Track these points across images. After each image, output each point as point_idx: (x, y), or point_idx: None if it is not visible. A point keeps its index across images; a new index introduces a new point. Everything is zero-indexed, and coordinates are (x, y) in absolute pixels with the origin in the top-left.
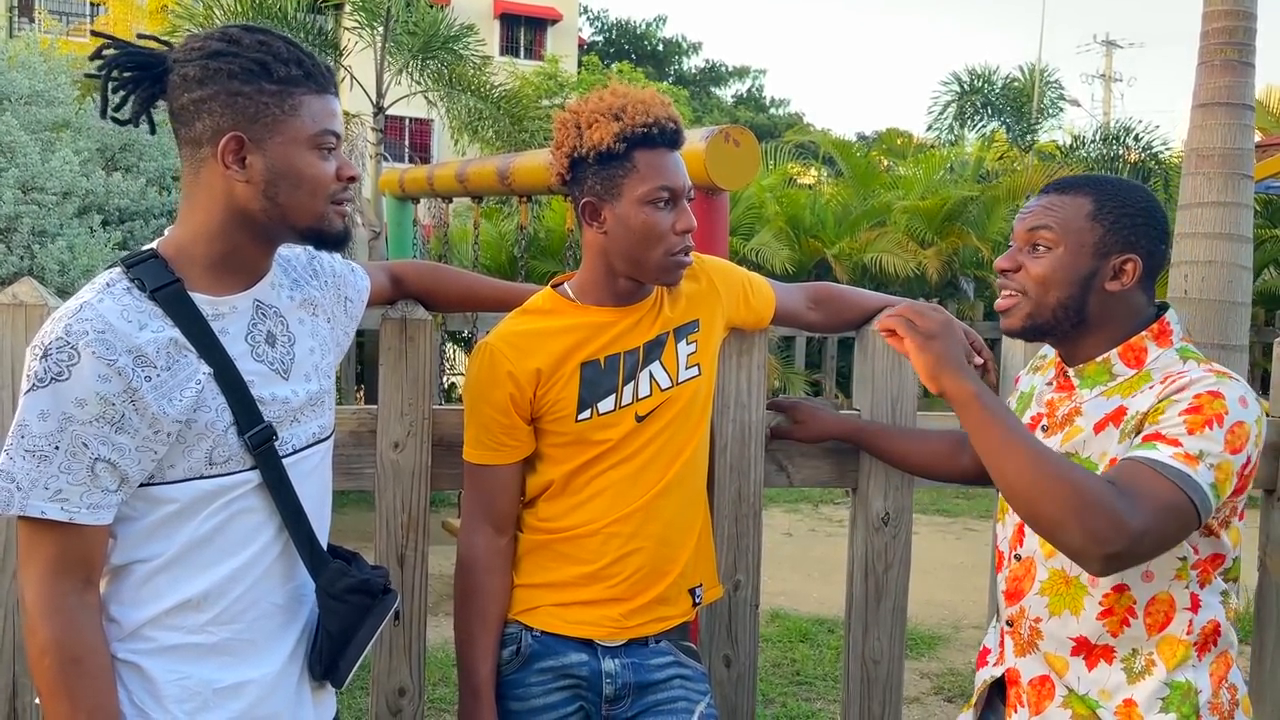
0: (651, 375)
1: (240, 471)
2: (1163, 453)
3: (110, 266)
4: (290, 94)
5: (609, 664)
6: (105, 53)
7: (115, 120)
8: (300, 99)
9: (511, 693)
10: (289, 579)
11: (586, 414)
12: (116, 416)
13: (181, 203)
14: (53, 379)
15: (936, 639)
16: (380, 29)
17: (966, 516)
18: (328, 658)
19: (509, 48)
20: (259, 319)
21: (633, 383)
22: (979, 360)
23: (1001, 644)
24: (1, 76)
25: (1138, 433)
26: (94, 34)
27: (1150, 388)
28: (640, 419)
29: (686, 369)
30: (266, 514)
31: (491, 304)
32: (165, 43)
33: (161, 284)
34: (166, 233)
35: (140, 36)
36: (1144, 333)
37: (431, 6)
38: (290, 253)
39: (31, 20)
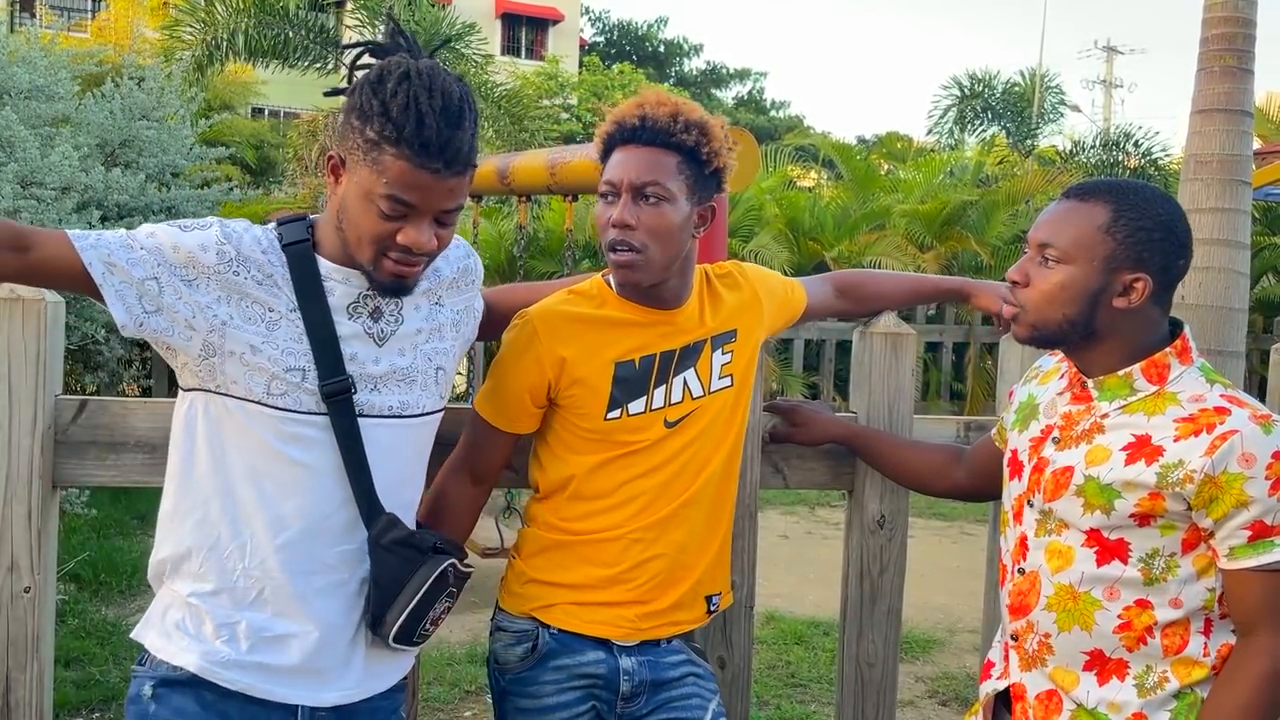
0: (685, 382)
1: (298, 412)
2: None
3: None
4: (379, 149)
5: (626, 661)
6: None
7: (329, 93)
8: (384, 158)
9: (524, 690)
10: (346, 539)
11: (616, 413)
12: (191, 277)
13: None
14: (180, 226)
15: (932, 642)
16: (381, 28)
17: (963, 520)
18: (376, 608)
19: (510, 48)
20: (371, 295)
21: (665, 387)
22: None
23: (1006, 658)
24: (2, 71)
25: (1206, 502)
26: (359, 44)
27: (1182, 421)
28: (670, 425)
29: (719, 379)
30: (332, 466)
31: None
32: (412, 44)
33: (295, 240)
34: None
35: (396, 31)
36: (1168, 349)
37: (433, 5)
38: (454, 247)
39: (33, 15)
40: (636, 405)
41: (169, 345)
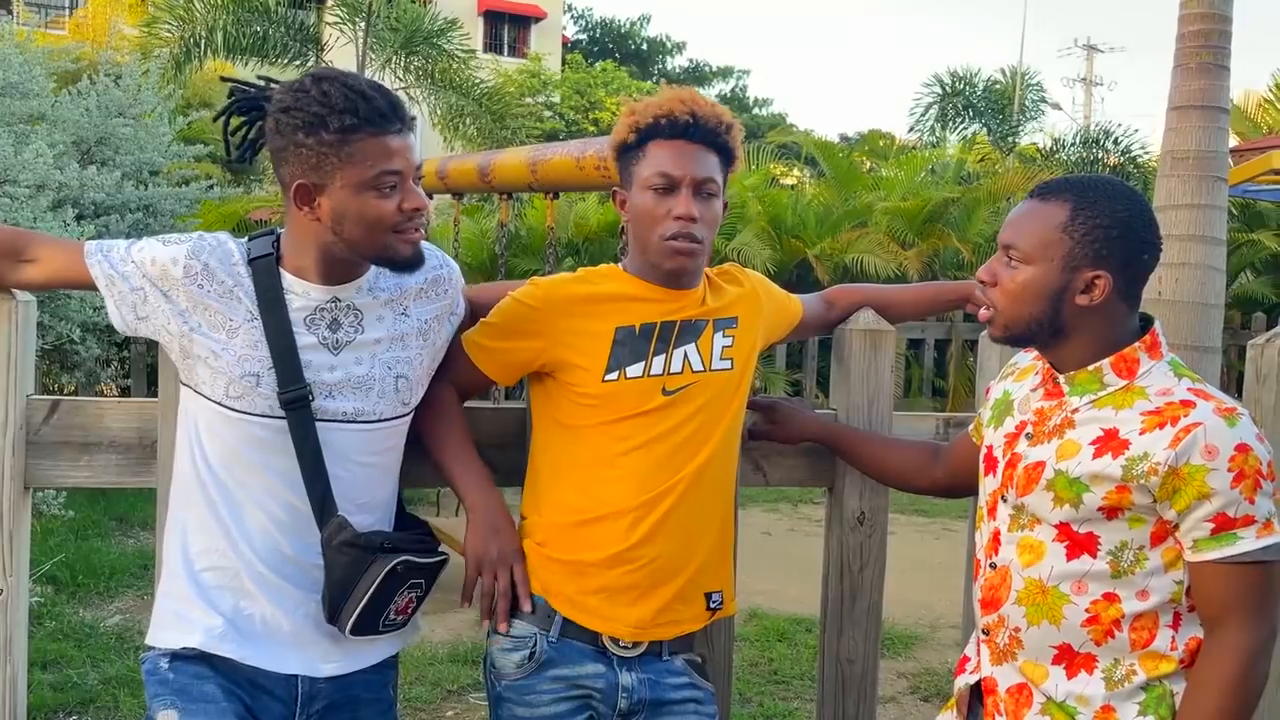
0: (685, 355)
1: (253, 414)
2: (1247, 539)
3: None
4: (347, 142)
5: (626, 678)
6: (231, 95)
7: (231, 161)
8: (356, 146)
9: (521, 698)
10: (303, 533)
11: (614, 375)
12: (166, 289)
13: (285, 218)
14: (162, 240)
15: (914, 639)
16: (362, 24)
17: (945, 517)
18: (330, 604)
19: (492, 45)
20: (330, 308)
21: (664, 356)
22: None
23: (978, 652)
24: None
25: (1170, 494)
26: (223, 79)
27: (1148, 414)
28: (668, 393)
29: (720, 359)
30: (285, 467)
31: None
32: (273, 82)
33: (261, 254)
34: None
35: (261, 79)
36: (1137, 344)
37: (414, 1)
38: (426, 256)
39: (9, 12)
40: (634, 369)
41: (161, 345)
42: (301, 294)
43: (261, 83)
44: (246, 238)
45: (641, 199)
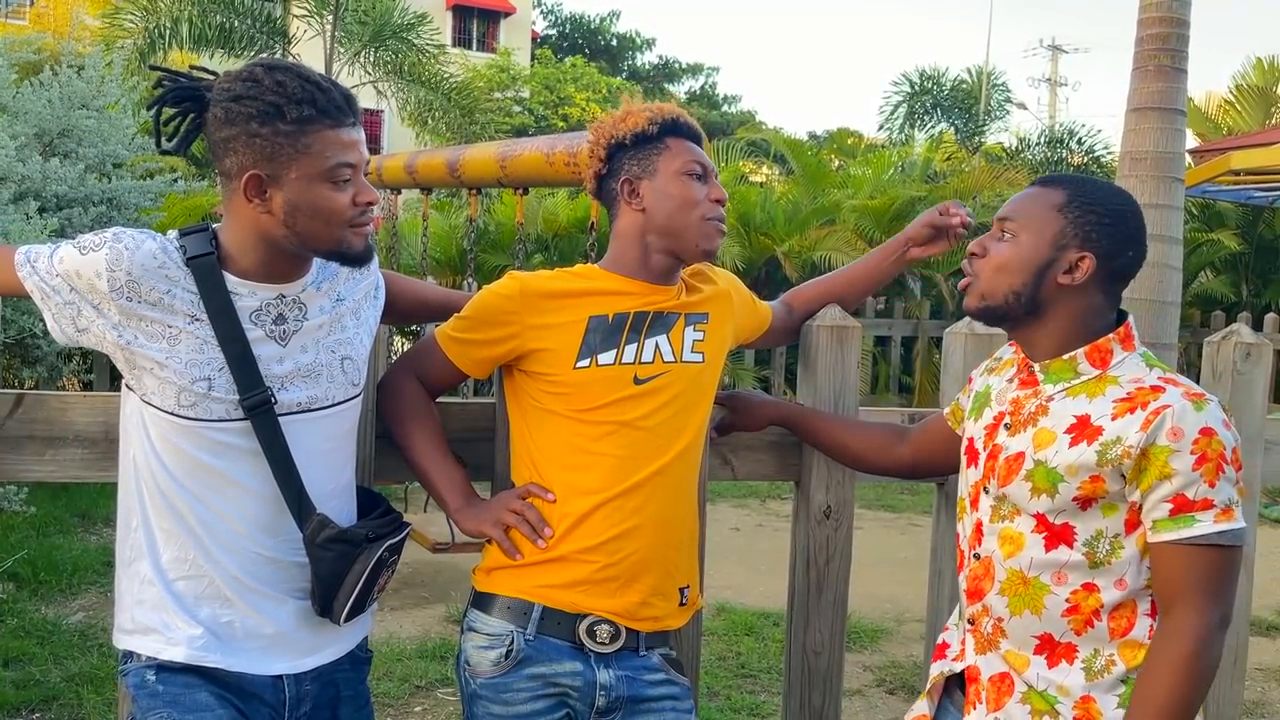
0: (657, 345)
1: (209, 420)
2: (1204, 522)
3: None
4: (304, 132)
5: (604, 675)
6: (162, 85)
7: (165, 152)
8: (313, 137)
9: (497, 696)
10: (280, 530)
11: (585, 362)
12: (96, 302)
13: (223, 216)
14: (79, 248)
15: (880, 632)
16: (330, 17)
17: (911, 512)
18: (321, 599)
19: (461, 40)
20: (276, 304)
21: (635, 344)
22: (955, 221)
23: (963, 641)
24: None
25: (1137, 475)
26: (151, 68)
27: (1120, 400)
28: (639, 382)
29: (691, 352)
30: (251, 469)
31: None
32: (212, 73)
33: (200, 253)
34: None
35: (193, 69)
36: (1111, 335)
37: None
38: None
39: None
40: (606, 357)
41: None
42: (248, 294)
43: (194, 73)
44: (177, 232)
45: (678, 185)
